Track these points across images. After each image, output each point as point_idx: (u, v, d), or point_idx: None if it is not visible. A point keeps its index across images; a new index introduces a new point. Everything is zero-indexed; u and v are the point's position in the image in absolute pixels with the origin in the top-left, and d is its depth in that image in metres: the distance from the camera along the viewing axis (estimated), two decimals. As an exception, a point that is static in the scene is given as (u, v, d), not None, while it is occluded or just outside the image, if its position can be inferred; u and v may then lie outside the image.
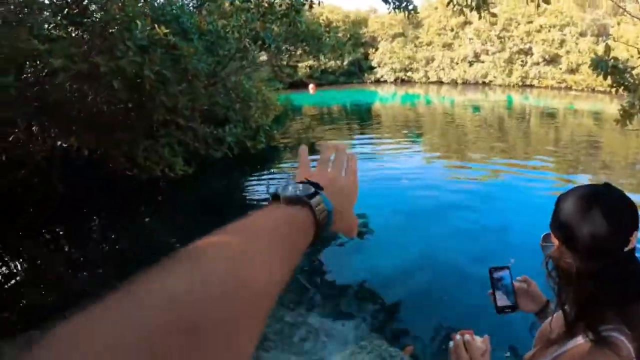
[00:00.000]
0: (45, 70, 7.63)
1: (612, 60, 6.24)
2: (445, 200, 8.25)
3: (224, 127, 9.60)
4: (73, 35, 7.78)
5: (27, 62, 7.59)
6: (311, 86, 32.07)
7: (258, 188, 10.06)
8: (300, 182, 0.61)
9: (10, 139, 8.19)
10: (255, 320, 0.40)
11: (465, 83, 37.82)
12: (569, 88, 32.42)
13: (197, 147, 9.42)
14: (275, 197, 0.58)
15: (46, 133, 8.81)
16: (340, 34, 14.28)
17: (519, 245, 5.98)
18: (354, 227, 0.74)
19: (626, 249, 1.13)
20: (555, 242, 1.24)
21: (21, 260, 6.78)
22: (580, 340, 1.16)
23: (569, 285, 1.22)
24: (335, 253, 6.27)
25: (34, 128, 8.59)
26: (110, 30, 7.21)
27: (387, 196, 8.56)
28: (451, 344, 1.44)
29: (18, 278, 6.08)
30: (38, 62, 7.61)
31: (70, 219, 7.81)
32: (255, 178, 10.74)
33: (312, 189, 0.59)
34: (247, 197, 9.62)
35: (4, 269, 6.45)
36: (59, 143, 8.85)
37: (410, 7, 9.86)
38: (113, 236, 7.63)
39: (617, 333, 1.11)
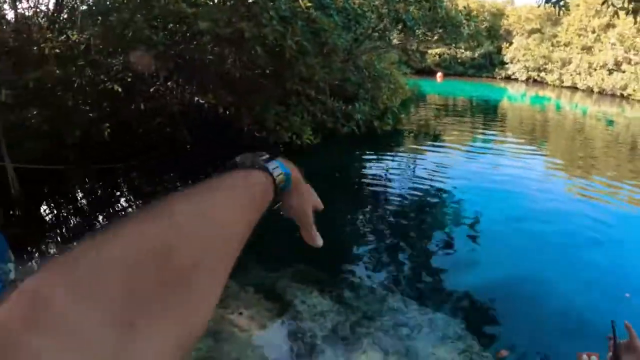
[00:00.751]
0: (189, 32, 8.01)
1: None
2: (561, 214, 7.81)
3: (353, 103, 9.64)
4: (216, 1, 8.09)
5: (175, 24, 8.00)
6: (439, 74, 31.53)
7: (378, 168, 10.03)
8: (256, 152, 0.67)
9: (151, 90, 8.73)
10: (219, 258, 0.44)
11: (601, 93, 34.64)
12: None
13: (325, 119, 9.63)
14: (234, 166, 0.63)
15: (181, 87, 9.31)
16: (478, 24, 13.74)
17: (635, 279, 5.58)
18: (314, 204, 0.76)
19: None
20: None
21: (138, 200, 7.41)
22: None
23: None
24: (443, 251, 6.20)
25: (169, 83, 9.12)
26: (253, 0, 7.38)
27: (502, 199, 8.28)
28: None
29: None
30: (185, 25, 7.99)
31: (194, 169, 8.24)
32: (376, 158, 10.69)
33: (267, 155, 0.66)
34: (366, 175, 9.59)
35: (121, 202, 7.16)
36: (195, 99, 9.32)
37: (562, 2, 9.09)
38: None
39: None
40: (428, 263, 5.69)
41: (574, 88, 36.35)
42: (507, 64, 39.92)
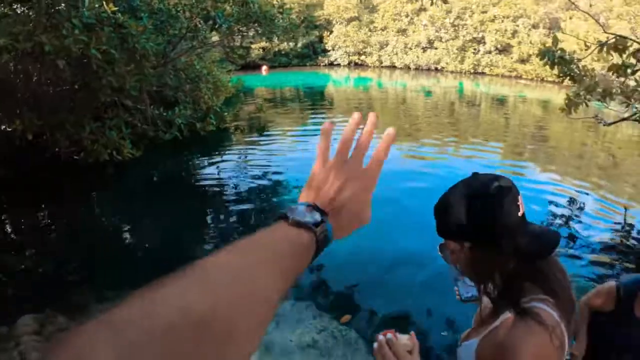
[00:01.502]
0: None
1: (559, 52, 6.53)
2: (395, 183, 8.37)
3: (174, 108, 9.46)
4: (18, 12, 7.46)
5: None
6: (264, 68, 31.75)
7: (208, 170, 10.03)
8: (308, 206, 0.65)
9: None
10: (255, 324, 0.45)
11: (417, 68, 38.23)
12: (519, 77, 33.23)
13: (146, 129, 9.25)
14: (283, 217, 0.62)
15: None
16: (294, 16, 14.14)
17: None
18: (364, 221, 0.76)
19: (519, 214, 1.23)
20: (454, 245, 1.33)
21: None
22: (508, 315, 1.23)
23: (486, 272, 1.29)
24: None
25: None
26: (57, 8, 6.92)
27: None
28: (375, 345, 1.39)
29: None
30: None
31: (10, 205, 7.65)
32: (206, 160, 10.69)
33: (319, 218, 0.63)
34: (197, 179, 9.54)
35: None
36: (2, 127, 8.46)
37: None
38: (53, 221, 7.43)
39: (541, 303, 1.19)
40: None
41: (392, 67, 39.35)
42: (329, 51, 41.57)
